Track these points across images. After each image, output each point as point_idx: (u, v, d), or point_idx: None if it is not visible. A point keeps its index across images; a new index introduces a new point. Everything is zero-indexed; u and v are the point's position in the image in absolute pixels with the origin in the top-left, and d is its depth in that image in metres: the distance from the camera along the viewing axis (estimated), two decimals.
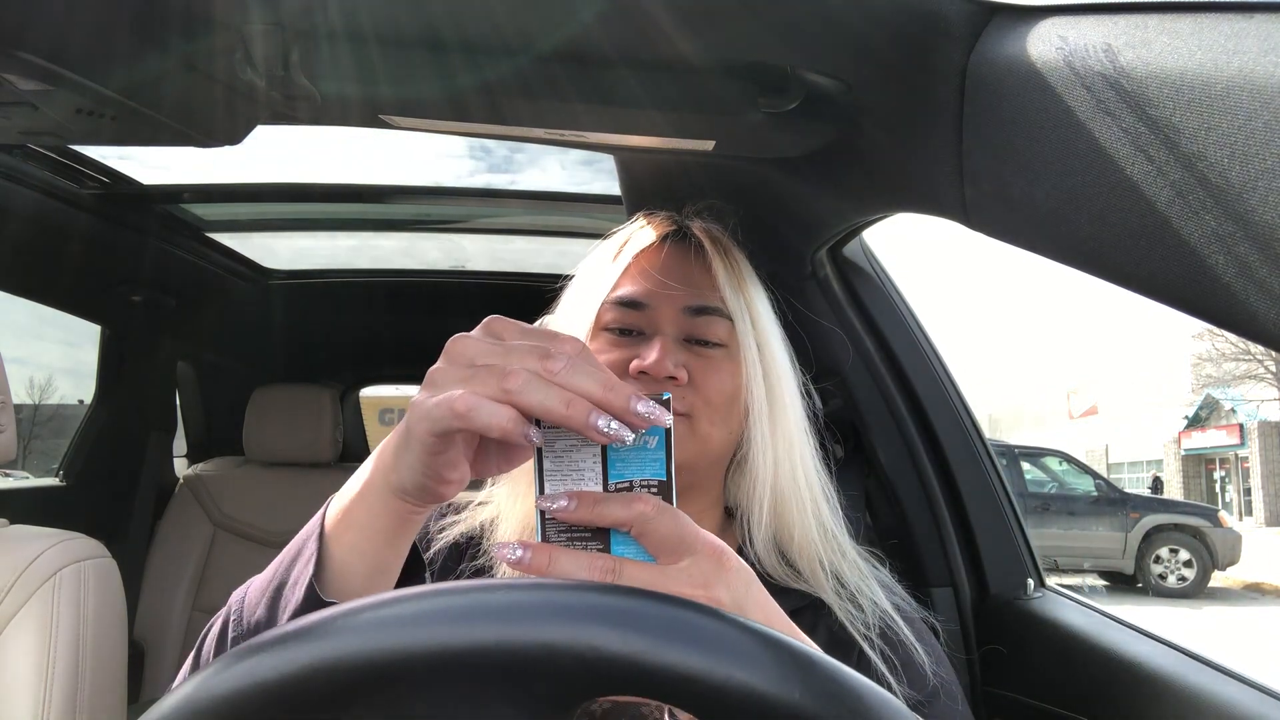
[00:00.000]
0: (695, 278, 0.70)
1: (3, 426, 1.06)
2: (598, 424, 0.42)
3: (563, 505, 0.45)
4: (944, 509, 1.08)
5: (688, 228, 0.74)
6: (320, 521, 0.52)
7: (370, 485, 0.50)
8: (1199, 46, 0.38)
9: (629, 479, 0.46)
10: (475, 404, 0.42)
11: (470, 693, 0.31)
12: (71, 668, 1.03)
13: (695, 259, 0.71)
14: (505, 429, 0.42)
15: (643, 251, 0.71)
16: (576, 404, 0.42)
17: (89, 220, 1.42)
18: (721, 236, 0.73)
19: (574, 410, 0.42)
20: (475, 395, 0.42)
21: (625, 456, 0.46)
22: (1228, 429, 20.65)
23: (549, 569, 0.44)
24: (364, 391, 2.50)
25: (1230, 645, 6.28)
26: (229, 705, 0.29)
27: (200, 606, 1.97)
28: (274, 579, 0.52)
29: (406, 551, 0.52)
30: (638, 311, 0.69)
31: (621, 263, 0.71)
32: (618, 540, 0.45)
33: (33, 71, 0.63)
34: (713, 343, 0.69)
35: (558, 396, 0.42)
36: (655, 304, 0.69)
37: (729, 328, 0.69)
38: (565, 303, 0.73)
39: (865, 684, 0.31)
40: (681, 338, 0.68)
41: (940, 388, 1.11)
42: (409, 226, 1.75)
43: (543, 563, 0.44)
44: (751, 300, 0.70)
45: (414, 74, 0.66)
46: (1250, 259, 0.37)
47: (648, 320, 0.69)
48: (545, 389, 0.42)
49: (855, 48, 0.60)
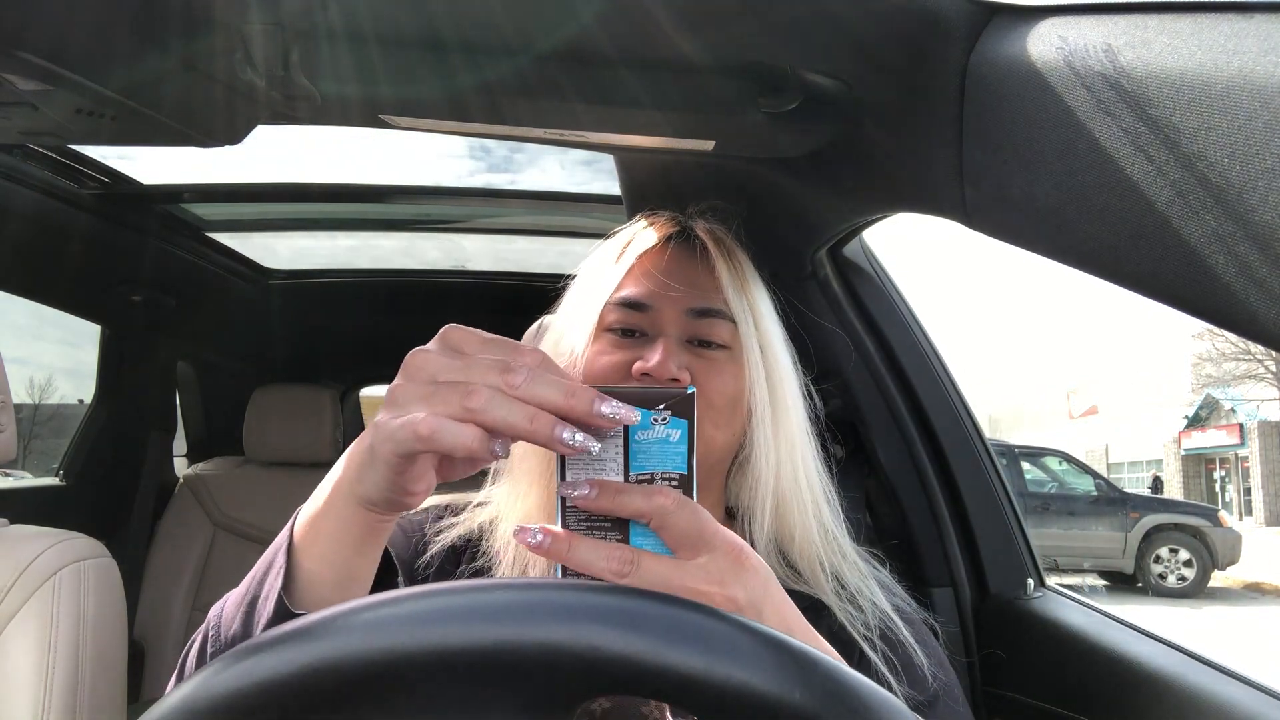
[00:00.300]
0: (699, 279, 0.69)
1: (3, 426, 1.06)
2: (562, 437, 0.42)
3: (584, 493, 0.45)
4: (944, 509, 1.09)
5: (691, 228, 0.73)
6: (289, 533, 0.52)
7: (336, 496, 0.49)
8: (1199, 46, 0.38)
9: (650, 471, 0.46)
10: (438, 426, 0.42)
11: (470, 693, 0.31)
12: (71, 668, 1.03)
13: (699, 260, 0.71)
14: (471, 449, 0.42)
15: (646, 252, 0.71)
16: (540, 419, 0.42)
17: (89, 220, 1.42)
18: (725, 237, 0.73)
19: (538, 425, 0.42)
20: (437, 417, 0.42)
21: (647, 449, 0.46)
22: (1228, 429, 20.64)
23: (568, 555, 0.44)
24: (364, 391, 2.51)
25: (1230, 645, 6.28)
26: (229, 705, 0.29)
27: (200, 606, 1.97)
28: (247, 593, 0.52)
29: (378, 559, 0.52)
30: (641, 313, 0.69)
31: (625, 264, 0.71)
32: (637, 532, 0.45)
33: (33, 71, 0.63)
34: (716, 344, 0.68)
35: (521, 412, 0.42)
36: (658, 305, 0.68)
37: (732, 330, 0.69)
38: (567, 303, 0.73)
39: (865, 684, 0.31)
40: (684, 339, 0.68)
41: (940, 388, 1.11)
42: (409, 226, 1.75)
43: (562, 549, 0.44)
44: (755, 302, 0.70)
45: (414, 74, 0.66)
46: (1250, 259, 0.37)
47: (651, 322, 0.69)
48: (508, 405, 0.42)
49: (855, 47, 0.60)
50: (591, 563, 0.43)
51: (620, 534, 0.46)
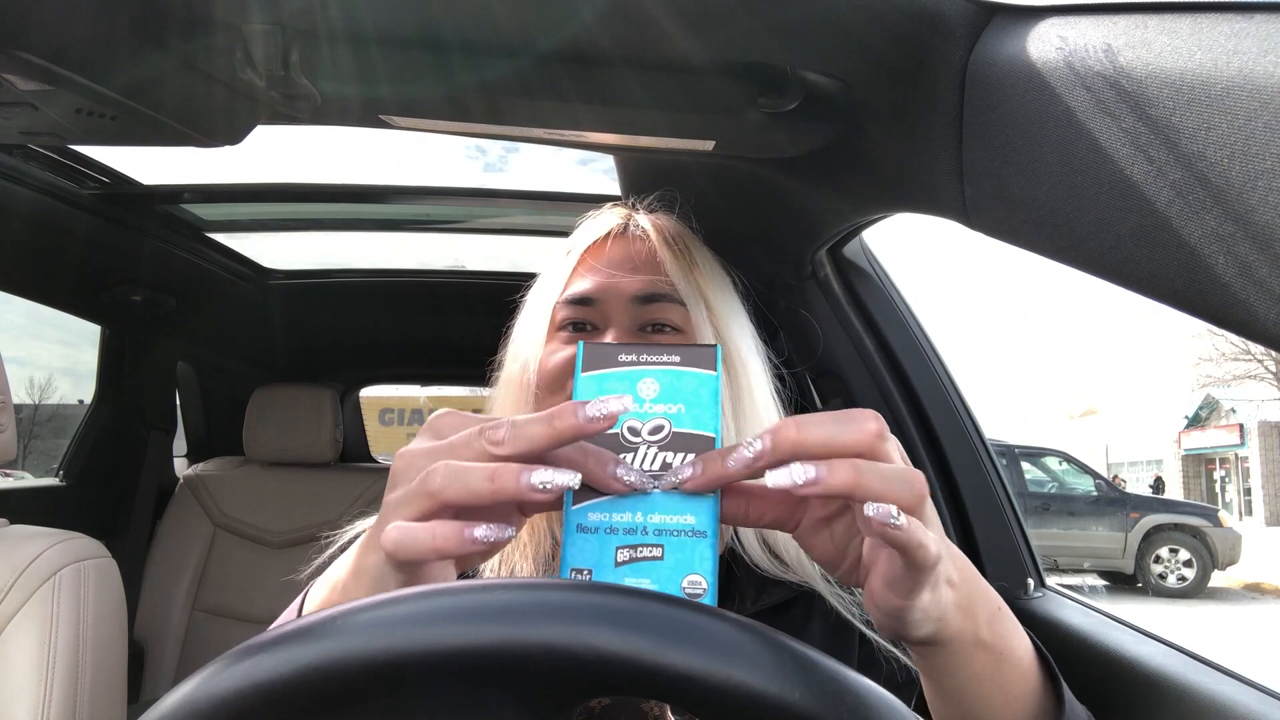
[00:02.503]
0: (642, 266, 0.70)
1: (3, 426, 1.06)
2: (530, 482, 0.38)
3: (689, 474, 0.41)
4: (944, 509, 1.08)
5: (632, 218, 0.74)
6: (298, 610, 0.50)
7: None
8: (1199, 46, 0.38)
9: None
10: (399, 536, 0.38)
11: (469, 692, 0.31)
12: (71, 668, 1.03)
13: (642, 248, 0.71)
14: (443, 550, 0.38)
15: (590, 247, 0.72)
16: (501, 474, 0.38)
17: (89, 220, 1.42)
18: (667, 223, 0.74)
19: (501, 482, 0.38)
20: (400, 525, 0.38)
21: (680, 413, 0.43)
22: (1228, 429, 20.64)
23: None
24: (364, 391, 2.50)
25: (1230, 645, 6.27)
26: (229, 705, 0.29)
27: (200, 606, 1.97)
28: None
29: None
30: (589, 307, 0.69)
31: (571, 260, 0.72)
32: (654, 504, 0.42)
33: (33, 71, 0.63)
34: (670, 328, 0.68)
35: (478, 477, 0.38)
36: (604, 297, 0.69)
37: (683, 313, 0.69)
38: (526, 306, 0.74)
39: (865, 684, 0.31)
40: (636, 328, 0.68)
41: (940, 388, 1.11)
42: (409, 226, 1.75)
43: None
44: (704, 284, 0.70)
45: (414, 74, 0.66)
46: (1250, 259, 0.36)
47: (600, 314, 0.69)
48: (462, 476, 0.38)
49: (855, 47, 0.59)
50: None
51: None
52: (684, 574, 0.41)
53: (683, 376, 0.44)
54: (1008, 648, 0.47)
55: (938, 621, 0.43)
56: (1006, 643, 0.47)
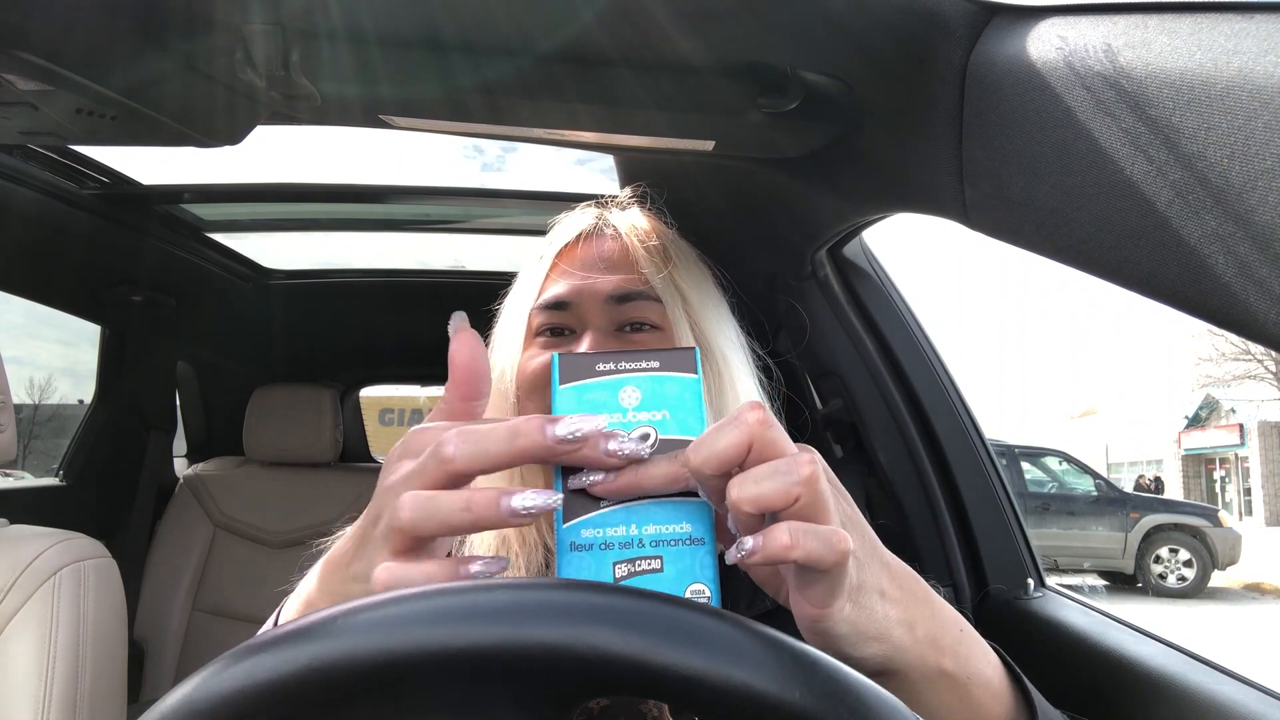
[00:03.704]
0: (616, 265, 0.69)
1: (3, 426, 1.06)
2: (511, 508, 0.35)
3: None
4: (944, 509, 1.08)
5: (604, 217, 0.73)
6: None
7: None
8: (1199, 46, 0.38)
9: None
10: (388, 582, 0.36)
11: (469, 692, 0.31)
12: (71, 668, 1.03)
13: (615, 247, 0.70)
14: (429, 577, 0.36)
15: (562, 250, 0.71)
16: (476, 504, 0.35)
17: (89, 220, 1.42)
18: (640, 220, 0.73)
19: (479, 512, 0.35)
20: (387, 569, 0.36)
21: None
22: (1228, 429, 20.64)
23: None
24: (364, 391, 2.50)
25: (1230, 645, 6.27)
26: (228, 705, 0.29)
27: (200, 606, 1.97)
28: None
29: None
30: (564, 311, 0.68)
31: (544, 265, 0.71)
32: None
33: (33, 71, 0.63)
34: (648, 326, 0.67)
35: (451, 509, 0.35)
36: (579, 300, 0.68)
37: (661, 310, 0.67)
38: (503, 313, 0.73)
39: (866, 684, 0.31)
40: (613, 329, 0.67)
41: (940, 388, 1.11)
42: (409, 226, 1.75)
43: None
44: (680, 279, 0.69)
45: (414, 74, 0.66)
46: (1250, 259, 0.37)
47: (575, 318, 0.68)
48: (432, 509, 0.36)
49: (855, 47, 0.59)
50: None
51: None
52: (687, 584, 0.40)
53: (664, 382, 0.43)
54: (975, 672, 0.45)
55: (879, 640, 0.40)
56: (973, 666, 0.45)
